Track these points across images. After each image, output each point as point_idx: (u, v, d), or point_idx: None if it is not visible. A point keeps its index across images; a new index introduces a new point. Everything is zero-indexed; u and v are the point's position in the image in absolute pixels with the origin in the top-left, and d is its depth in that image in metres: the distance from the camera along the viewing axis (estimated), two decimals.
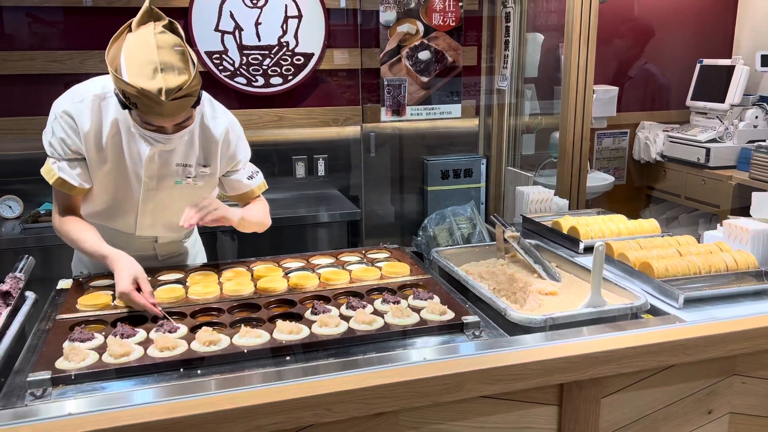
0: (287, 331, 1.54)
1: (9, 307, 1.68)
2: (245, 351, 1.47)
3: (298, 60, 3.62)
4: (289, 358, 1.48)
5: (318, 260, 2.12)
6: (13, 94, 3.27)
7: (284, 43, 3.58)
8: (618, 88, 4.23)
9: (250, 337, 1.52)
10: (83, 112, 1.77)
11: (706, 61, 4.37)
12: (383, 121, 3.91)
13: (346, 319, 1.62)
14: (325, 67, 3.70)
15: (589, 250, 2.01)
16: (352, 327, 1.58)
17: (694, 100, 4.38)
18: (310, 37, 3.60)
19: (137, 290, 1.69)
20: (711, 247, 2.03)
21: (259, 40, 3.54)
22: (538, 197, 2.76)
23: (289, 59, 3.61)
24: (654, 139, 4.43)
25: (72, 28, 3.31)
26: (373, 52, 3.81)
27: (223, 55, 3.50)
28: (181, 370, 1.43)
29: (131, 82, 1.57)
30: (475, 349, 1.52)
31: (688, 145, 4.21)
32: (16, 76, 3.25)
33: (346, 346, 1.53)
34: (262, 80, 3.59)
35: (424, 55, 3.88)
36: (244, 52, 3.53)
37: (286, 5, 3.53)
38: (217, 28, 3.46)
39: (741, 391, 1.69)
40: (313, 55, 3.63)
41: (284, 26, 3.56)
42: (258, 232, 2.05)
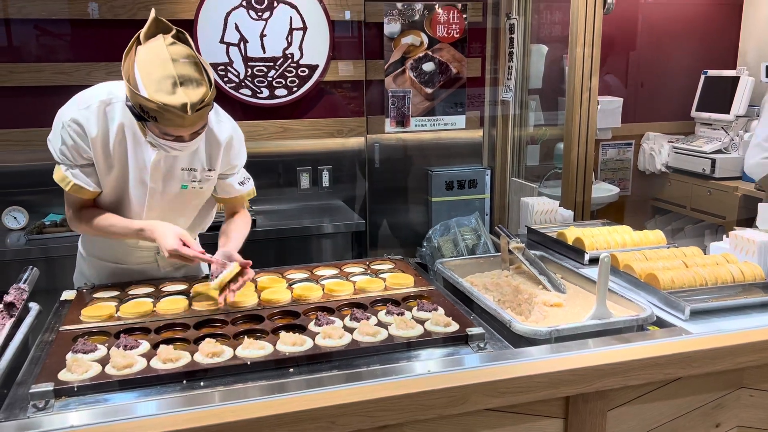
0: (290, 343, 1.53)
1: (13, 319, 1.68)
2: (248, 363, 1.47)
3: (303, 71, 3.63)
4: (292, 370, 1.47)
5: (322, 271, 2.12)
6: (20, 106, 3.29)
7: (289, 55, 3.59)
8: (622, 99, 4.23)
9: (254, 349, 1.51)
10: (90, 119, 1.78)
11: (711, 72, 4.37)
12: (387, 132, 3.92)
13: (350, 330, 1.62)
14: (330, 78, 3.71)
15: (595, 261, 2.00)
16: (356, 339, 1.58)
17: (699, 111, 4.38)
18: (315, 48, 3.62)
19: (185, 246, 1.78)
20: (717, 259, 2.02)
21: (264, 52, 3.55)
22: (543, 208, 2.75)
23: (294, 71, 3.62)
24: (659, 150, 4.42)
25: (79, 40, 3.34)
26: (377, 64, 3.82)
27: (228, 67, 3.52)
28: (184, 381, 1.42)
29: (152, 98, 1.58)
30: (480, 362, 1.51)
31: (693, 156, 4.20)
32: (23, 88, 3.28)
33: (350, 358, 1.52)
34: (266, 92, 3.60)
35: (429, 67, 3.89)
36: (249, 63, 3.54)
37: (291, 17, 3.55)
38: (222, 40, 3.48)
39: (749, 404, 1.67)
40: (317, 66, 3.65)
41: (289, 38, 3.57)
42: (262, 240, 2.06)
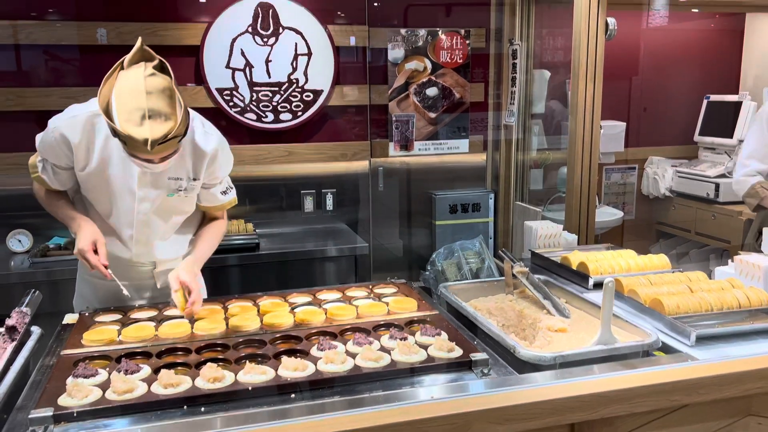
0: (292, 368, 1.52)
1: (14, 342, 1.67)
2: (250, 388, 1.45)
3: (308, 96, 3.67)
4: (294, 395, 1.46)
5: (324, 295, 2.11)
6: (28, 130, 3.29)
7: (294, 80, 3.63)
8: (625, 123, 4.25)
9: (255, 374, 1.50)
10: (75, 127, 1.87)
11: (713, 97, 4.39)
12: (391, 156, 3.93)
13: (353, 355, 1.60)
14: (335, 103, 3.74)
15: (599, 286, 1.99)
16: (359, 364, 1.56)
17: (702, 136, 4.39)
18: (320, 74, 3.66)
19: (94, 252, 1.85)
20: (723, 284, 2.00)
21: (270, 77, 3.59)
22: (547, 232, 2.74)
23: (299, 96, 3.65)
24: (662, 174, 4.42)
25: (87, 65, 3.38)
26: (381, 89, 3.86)
27: (234, 92, 3.55)
28: (185, 407, 1.41)
29: (121, 128, 1.66)
30: (484, 388, 1.49)
31: (696, 180, 4.20)
32: (31, 112, 3.31)
33: (352, 384, 1.51)
34: (272, 116, 3.63)
35: (432, 92, 3.92)
36: (255, 88, 3.58)
37: (296, 43, 3.59)
38: (228, 66, 3.52)
39: None
40: (322, 91, 3.68)
41: (294, 64, 3.61)
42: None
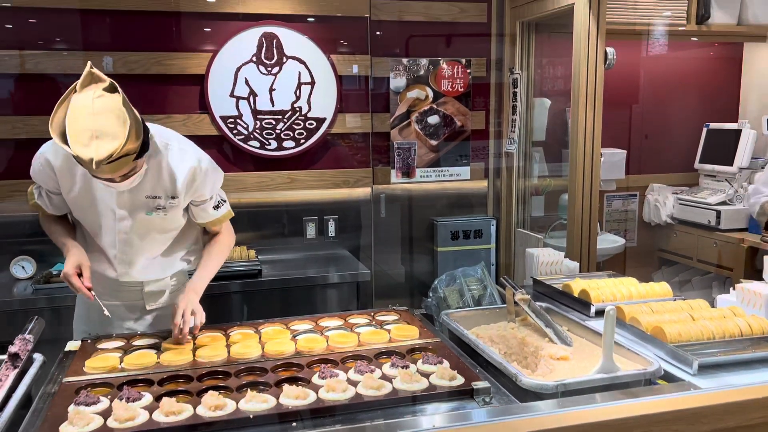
0: (294, 396, 1.52)
1: (16, 370, 1.67)
2: (251, 416, 1.45)
3: (311, 124, 3.71)
4: (295, 423, 1.46)
5: (326, 322, 2.11)
6: (31, 157, 3.35)
7: (297, 108, 3.67)
8: (626, 150, 4.28)
9: (257, 402, 1.50)
10: (57, 152, 1.94)
11: (713, 125, 4.43)
12: (393, 183, 3.96)
13: (354, 383, 1.60)
14: (337, 130, 3.78)
15: (601, 313, 1.99)
16: (360, 392, 1.56)
17: (702, 163, 4.41)
18: (323, 102, 3.70)
19: (79, 276, 1.91)
20: (724, 312, 2.00)
21: (273, 106, 3.64)
22: (549, 259, 2.75)
23: (302, 123, 3.69)
24: (664, 201, 4.44)
25: None
26: (383, 117, 3.90)
27: (238, 120, 3.59)
28: None
29: (71, 150, 1.70)
30: (486, 417, 1.49)
31: (698, 207, 4.21)
32: (38, 140, 3.33)
33: (354, 412, 1.50)
34: (275, 144, 3.67)
35: (434, 120, 3.96)
36: (258, 116, 3.62)
37: (300, 72, 3.64)
38: (233, 94, 3.57)
39: None
40: (325, 119, 3.72)
41: (297, 92, 3.66)
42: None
